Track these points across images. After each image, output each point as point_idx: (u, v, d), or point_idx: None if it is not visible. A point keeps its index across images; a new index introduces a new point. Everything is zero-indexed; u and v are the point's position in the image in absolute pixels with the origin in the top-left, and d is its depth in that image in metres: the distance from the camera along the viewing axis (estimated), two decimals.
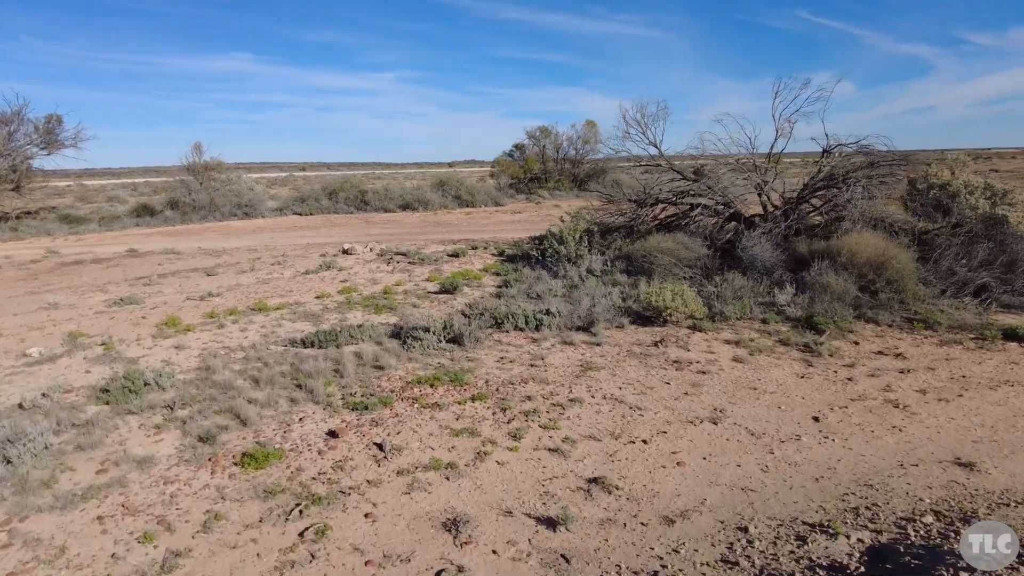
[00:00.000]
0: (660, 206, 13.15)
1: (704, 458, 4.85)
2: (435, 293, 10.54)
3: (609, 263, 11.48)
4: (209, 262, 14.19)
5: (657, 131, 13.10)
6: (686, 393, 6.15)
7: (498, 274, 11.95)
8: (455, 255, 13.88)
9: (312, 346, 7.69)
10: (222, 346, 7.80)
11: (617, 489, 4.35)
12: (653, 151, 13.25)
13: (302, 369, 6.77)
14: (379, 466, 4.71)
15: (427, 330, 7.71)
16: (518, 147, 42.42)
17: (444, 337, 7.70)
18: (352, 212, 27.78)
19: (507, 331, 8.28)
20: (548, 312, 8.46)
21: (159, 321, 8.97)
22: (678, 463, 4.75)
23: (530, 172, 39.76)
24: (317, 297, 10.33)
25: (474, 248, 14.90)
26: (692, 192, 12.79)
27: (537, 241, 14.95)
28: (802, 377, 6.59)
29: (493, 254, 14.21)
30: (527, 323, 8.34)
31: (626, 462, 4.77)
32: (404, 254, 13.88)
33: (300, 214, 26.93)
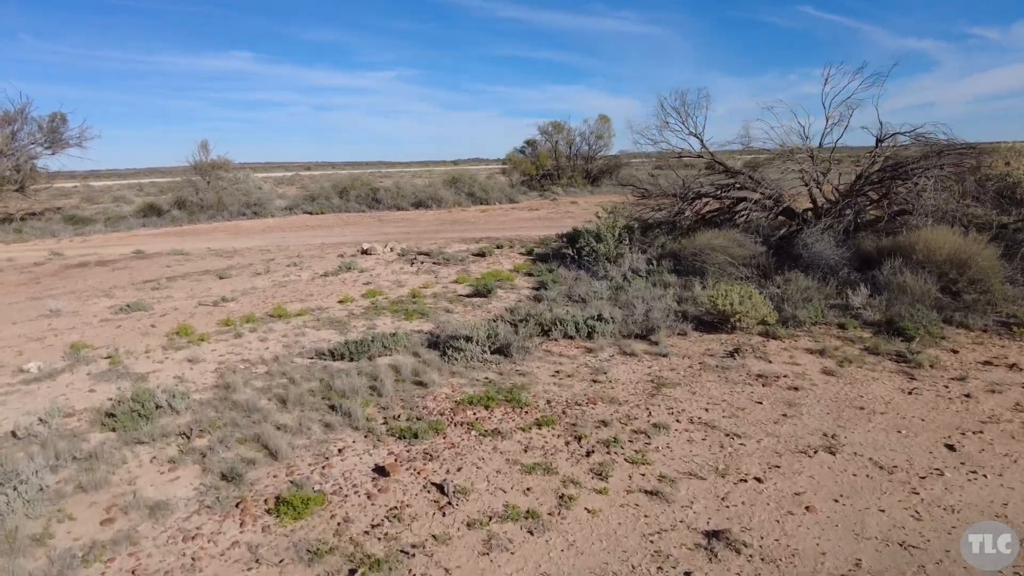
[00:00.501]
0: (702, 201, 12.27)
1: (836, 500, 3.98)
2: (467, 296, 9.69)
3: (653, 262, 10.60)
4: (220, 264, 13.38)
5: (698, 120, 12.21)
6: (784, 415, 5.28)
7: (530, 275, 11.10)
8: (481, 255, 13.04)
9: (342, 358, 6.86)
10: (241, 359, 6.98)
11: (745, 547, 3.49)
12: (694, 142, 12.36)
13: (334, 386, 5.93)
14: (444, 515, 3.86)
15: (469, 339, 6.86)
16: (529, 143, 41.56)
17: (488, 347, 6.85)
18: (364, 211, 26.98)
19: (555, 339, 7.43)
20: (600, 318, 7.59)
21: (170, 330, 8.15)
22: (807, 508, 3.89)
23: (542, 168, 38.85)
24: (340, 301, 9.50)
25: (499, 247, 14.05)
26: (737, 185, 11.90)
27: (567, 239, 14.11)
28: (909, 393, 5.71)
29: (521, 253, 13.35)
30: (577, 330, 7.48)
31: (744, 507, 3.91)
32: (427, 254, 13.03)
33: (311, 213, 26.14)
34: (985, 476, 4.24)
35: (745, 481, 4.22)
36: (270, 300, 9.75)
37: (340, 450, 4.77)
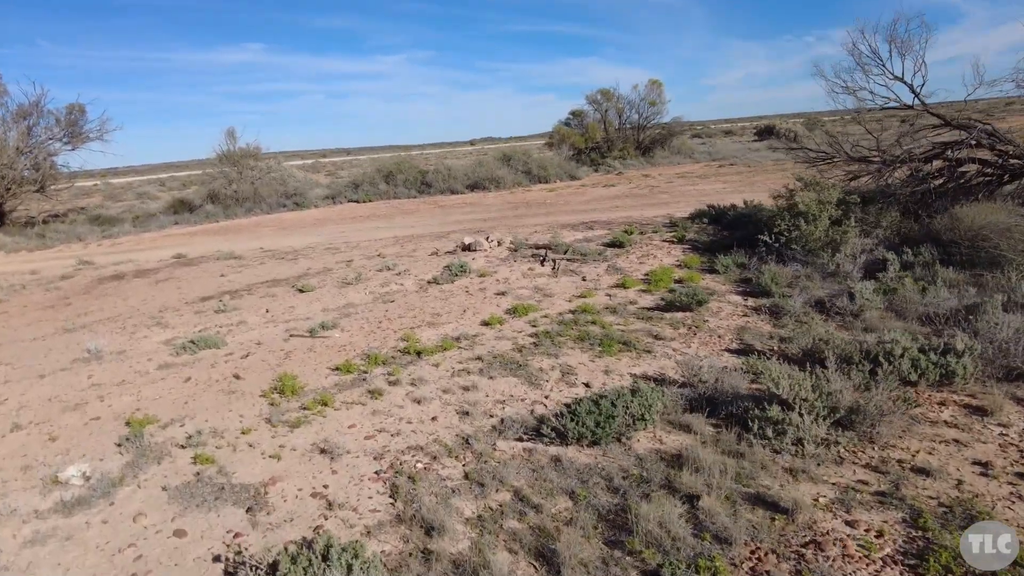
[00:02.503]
0: (913, 164, 9.28)
1: None
2: (659, 310, 6.89)
3: (895, 249, 7.69)
4: (288, 270, 10.74)
5: (907, 63, 9.15)
6: None
7: (714, 271, 8.27)
8: (616, 245, 10.21)
9: (576, 440, 4.13)
10: (406, 445, 4.28)
11: None
12: (902, 91, 9.29)
13: (629, 522, 3.22)
14: None
15: (787, 405, 4.10)
16: (576, 114, 38.43)
17: (824, 414, 4.07)
18: (415, 195, 24.24)
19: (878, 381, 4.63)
20: (950, 350, 4.75)
21: (266, 384, 5.50)
22: None
23: (591, 141, 35.64)
24: (486, 324, 6.78)
25: (628, 232, 11.19)
26: (972, 142, 8.88)
27: (712, 219, 11.27)
28: None
29: (667, 240, 10.49)
30: (920, 372, 4.67)
31: None
32: (547, 247, 10.25)
33: (357, 201, 23.47)
34: None
35: None
36: (386, 325, 7.06)
37: None
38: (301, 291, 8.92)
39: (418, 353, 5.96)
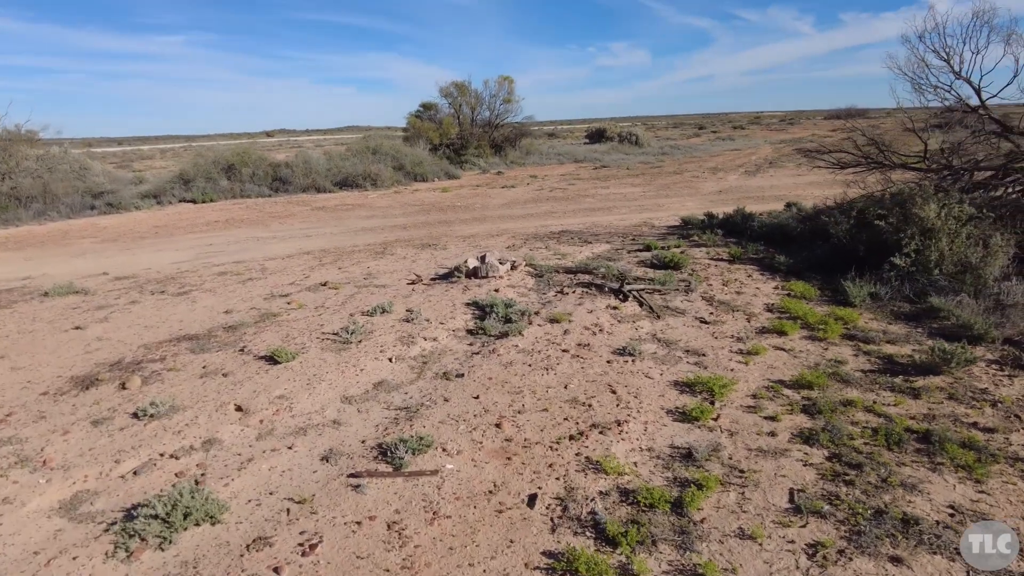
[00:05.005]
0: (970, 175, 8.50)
1: None
2: (891, 373, 4.83)
3: None
4: (190, 313, 6.77)
5: (975, 59, 8.27)
6: None
7: (846, 302, 6.46)
8: (666, 266, 7.99)
9: None
10: None
11: None
12: (966, 92, 8.40)
13: None
14: None
15: None
16: (427, 107, 35.69)
17: None
18: (270, 195, 19.62)
19: None
20: None
21: None
22: None
23: (446, 137, 33.06)
24: (687, 416, 4.14)
25: (661, 247, 9.07)
26: None
27: (738, 230, 9.69)
28: None
29: (716, 259, 8.53)
30: None
31: None
32: (588, 271, 7.71)
33: (194, 201, 18.26)
34: None
35: None
36: (518, 439, 4.03)
37: None
38: (273, 360, 5.29)
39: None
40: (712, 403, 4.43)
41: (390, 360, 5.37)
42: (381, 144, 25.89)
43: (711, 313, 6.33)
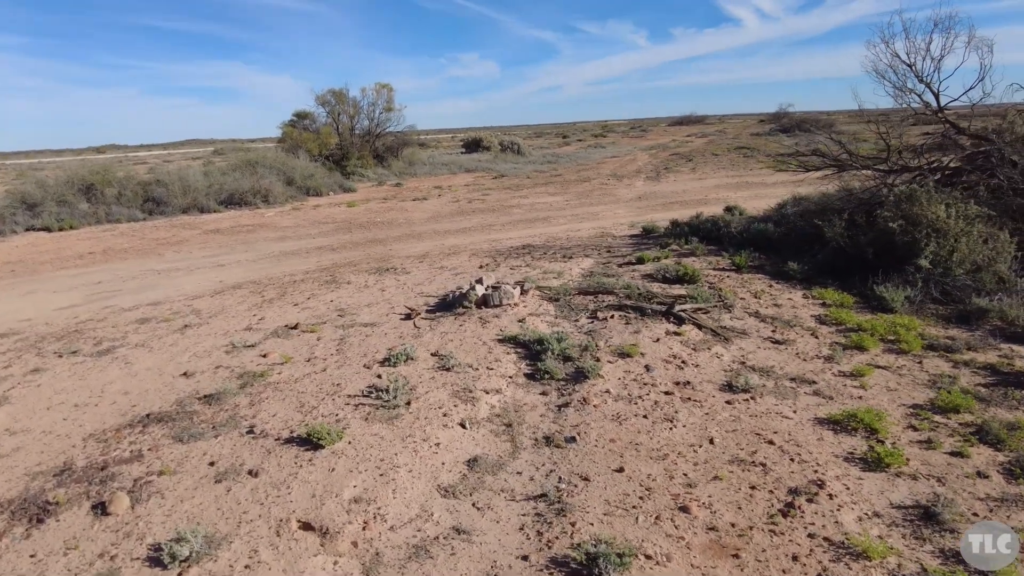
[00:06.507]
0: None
1: None
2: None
3: None
4: (131, 383, 5.05)
5: (937, 68, 8.64)
6: None
7: (886, 308, 6.28)
8: (681, 280, 7.44)
9: None
10: None
11: None
12: (929, 99, 8.75)
13: None
14: None
15: None
16: (301, 116, 33.42)
17: None
18: (144, 218, 16.71)
19: None
20: None
21: None
22: None
23: (326, 148, 31.00)
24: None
25: (639, 261, 8.51)
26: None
27: (718, 237, 9.47)
28: None
29: (720, 269, 8.11)
30: None
31: None
32: (609, 292, 6.94)
33: (48, 229, 14.98)
34: None
35: None
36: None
37: None
38: (311, 443, 3.88)
39: None
40: (881, 442, 3.84)
41: (462, 426, 4.22)
42: (264, 156, 23.32)
43: (773, 331, 5.83)
